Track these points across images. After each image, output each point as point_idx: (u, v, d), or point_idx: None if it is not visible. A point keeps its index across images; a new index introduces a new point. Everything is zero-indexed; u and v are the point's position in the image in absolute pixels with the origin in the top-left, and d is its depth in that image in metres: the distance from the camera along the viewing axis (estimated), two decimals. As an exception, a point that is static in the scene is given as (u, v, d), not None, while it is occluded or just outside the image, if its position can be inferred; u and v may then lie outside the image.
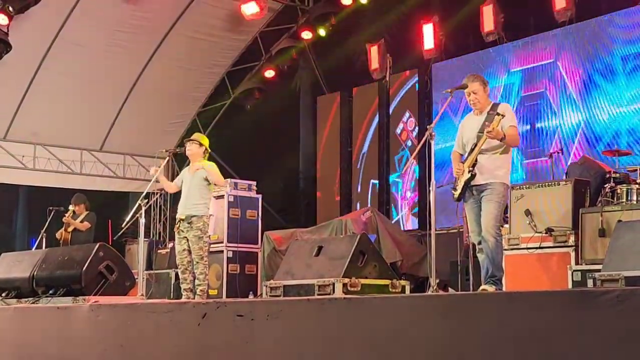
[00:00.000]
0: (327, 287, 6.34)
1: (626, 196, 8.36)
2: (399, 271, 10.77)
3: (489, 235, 6.73)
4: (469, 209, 7.01)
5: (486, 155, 6.85)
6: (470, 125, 7.11)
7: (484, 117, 6.94)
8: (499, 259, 6.85)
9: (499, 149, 6.85)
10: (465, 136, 7.10)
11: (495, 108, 6.95)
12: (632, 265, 4.80)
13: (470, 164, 6.83)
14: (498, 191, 6.80)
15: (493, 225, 6.75)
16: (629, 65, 11.20)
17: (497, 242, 6.79)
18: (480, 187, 6.86)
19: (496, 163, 6.86)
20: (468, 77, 7.15)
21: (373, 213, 11.64)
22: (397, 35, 14.62)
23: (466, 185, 6.89)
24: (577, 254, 8.30)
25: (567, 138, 11.78)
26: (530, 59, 12.51)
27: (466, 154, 7.01)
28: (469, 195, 6.93)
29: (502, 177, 6.87)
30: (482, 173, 6.84)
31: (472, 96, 7.02)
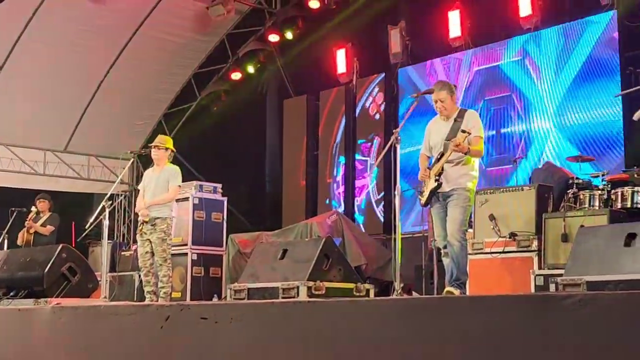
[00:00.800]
0: (292, 290, 6.33)
1: (589, 202, 8.45)
2: (363, 275, 10.78)
3: (454, 239, 6.80)
4: (434, 214, 7.07)
5: (452, 164, 6.91)
6: (437, 129, 7.17)
7: (451, 123, 7.00)
8: (464, 263, 6.91)
9: (464, 157, 6.92)
10: (432, 140, 7.16)
11: (463, 114, 7.01)
12: (594, 270, 4.85)
13: (436, 172, 6.90)
14: (464, 197, 6.88)
15: (458, 230, 6.82)
16: (594, 72, 11.31)
17: (462, 246, 6.86)
18: (446, 194, 6.93)
19: (461, 171, 6.94)
20: (436, 84, 7.23)
21: (339, 217, 11.64)
22: (364, 39, 14.66)
23: (432, 192, 6.94)
24: (539, 259, 8.38)
25: (530, 143, 11.86)
26: (496, 65, 12.59)
27: (433, 158, 7.06)
28: (435, 201, 7.00)
29: (466, 183, 6.94)
30: (448, 181, 6.93)
31: (439, 104, 7.08)
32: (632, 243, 4.80)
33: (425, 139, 7.35)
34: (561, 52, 11.80)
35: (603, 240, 5.07)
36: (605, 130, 11.05)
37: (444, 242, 6.97)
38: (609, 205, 8.25)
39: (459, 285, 6.85)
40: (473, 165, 7.04)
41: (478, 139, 6.94)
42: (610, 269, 4.77)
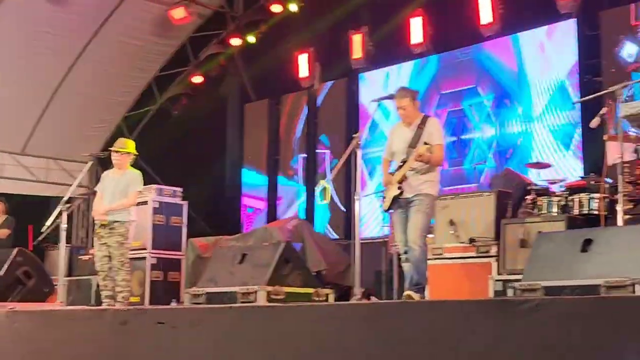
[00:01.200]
0: (251, 295, 6.30)
1: (547, 208, 8.53)
2: (323, 280, 10.75)
3: (415, 245, 6.84)
4: (396, 219, 7.10)
5: (414, 171, 6.95)
6: (399, 135, 7.20)
7: (414, 130, 7.03)
8: (424, 268, 6.95)
9: (425, 165, 6.96)
10: (394, 145, 7.18)
11: (425, 121, 7.06)
12: (551, 275, 4.88)
13: (398, 179, 6.92)
14: (425, 202, 6.92)
15: (419, 236, 6.86)
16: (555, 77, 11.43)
17: (422, 251, 6.90)
18: (408, 200, 6.96)
19: (423, 178, 6.99)
20: (398, 91, 7.25)
21: (299, 221, 11.62)
22: (326, 44, 14.66)
23: (394, 199, 6.98)
24: (498, 264, 8.44)
25: (490, 150, 11.94)
26: (456, 70, 12.67)
27: (395, 165, 7.08)
28: (397, 206, 7.02)
29: (428, 189, 6.99)
30: (410, 187, 6.97)
31: (401, 111, 7.13)
32: (588, 249, 4.84)
33: (387, 144, 7.38)
34: (521, 59, 11.90)
35: (560, 246, 5.11)
36: (564, 137, 11.17)
37: (405, 247, 6.99)
38: (567, 212, 8.33)
39: (419, 289, 6.89)
40: (435, 172, 7.08)
41: (439, 147, 7.01)
42: (567, 274, 4.81)
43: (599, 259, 4.77)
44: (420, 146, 6.79)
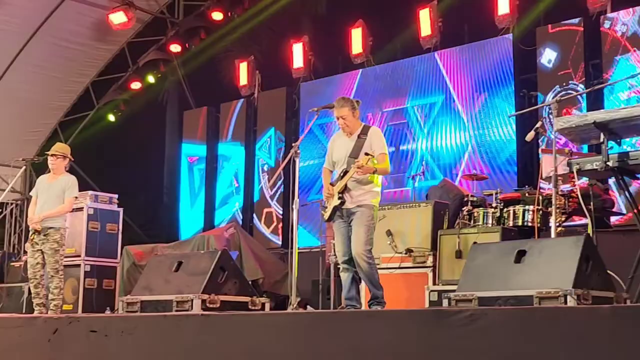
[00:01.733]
0: (186, 304, 6.22)
1: (482, 219, 8.64)
2: (260, 289, 10.73)
3: (362, 260, 6.81)
4: (336, 230, 7.07)
5: (355, 182, 6.93)
6: (340, 145, 7.17)
7: (355, 140, 7.02)
8: (376, 279, 6.93)
9: (367, 175, 6.94)
10: (335, 155, 7.15)
11: (366, 131, 7.04)
12: (485, 286, 4.93)
13: (339, 189, 6.90)
14: (367, 214, 6.89)
15: (364, 250, 6.82)
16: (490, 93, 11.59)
17: (371, 265, 6.87)
18: (350, 210, 6.94)
19: (365, 189, 6.95)
20: (338, 100, 7.19)
21: (236, 230, 11.57)
22: (267, 52, 14.67)
23: (335, 209, 6.96)
24: (434, 275, 8.52)
25: (428, 161, 12.05)
26: (396, 81, 12.77)
27: (336, 175, 7.06)
28: (337, 216, 6.99)
29: (369, 200, 6.96)
30: (352, 198, 6.93)
31: (341, 121, 7.06)
32: (522, 260, 4.89)
33: (328, 154, 7.34)
34: (459, 73, 12.05)
35: (494, 257, 5.16)
36: (500, 149, 11.33)
37: (343, 257, 6.97)
38: (502, 223, 8.45)
39: (378, 302, 6.87)
40: (377, 182, 7.07)
41: (383, 157, 6.97)
42: (501, 285, 4.86)
43: (532, 270, 4.83)
44: (361, 157, 6.77)
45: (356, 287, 6.99)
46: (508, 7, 11.36)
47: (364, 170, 6.72)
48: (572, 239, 4.92)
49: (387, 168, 7.07)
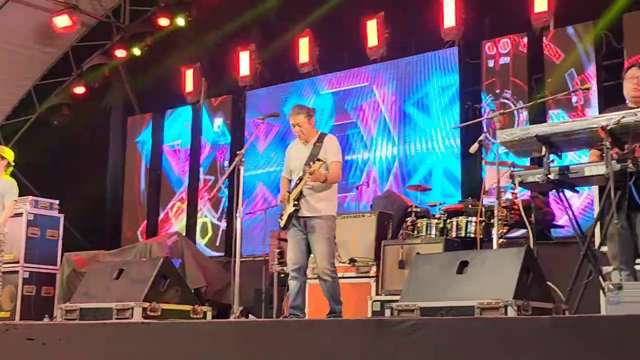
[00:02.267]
0: (126, 312, 6.14)
1: (426, 230, 8.70)
2: (203, 297, 10.65)
3: (325, 275, 6.87)
4: (290, 237, 7.08)
5: (310, 189, 6.93)
6: (296, 153, 7.20)
7: (311, 147, 7.04)
8: (337, 294, 6.98)
9: (323, 183, 6.94)
10: (292, 163, 7.18)
11: (322, 138, 7.08)
12: (428, 296, 4.95)
13: (295, 196, 6.92)
14: (325, 226, 6.91)
15: (327, 264, 6.87)
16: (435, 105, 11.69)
17: (334, 280, 6.92)
18: (306, 220, 6.95)
19: (320, 196, 6.97)
20: (293, 108, 7.24)
21: (179, 238, 11.47)
22: (214, 60, 14.59)
23: (291, 216, 6.96)
24: (377, 285, 8.55)
25: (373, 171, 12.09)
26: (343, 92, 12.80)
27: (293, 182, 7.07)
28: (293, 224, 6.99)
29: (326, 209, 6.99)
30: (307, 206, 6.94)
31: (297, 128, 7.10)
32: (464, 270, 4.94)
33: (285, 162, 7.38)
34: (405, 84, 12.13)
35: (437, 267, 5.20)
36: (444, 160, 11.42)
37: (294, 266, 6.98)
38: (445, 234, 8.52)
39: (336, 317, 6.88)
40: (332, 190, 7.09)
41: (336, 164, 7.01)
42: (443, 295, 4.89)
43: (473, 281, 4.87)
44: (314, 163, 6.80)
45: (302, 297, 7.00)
46: (454, 20, 11.48)
47: (315, 176, 6.74)
48: (513, 251, 4.97)
49: (338, 176, 7.11)
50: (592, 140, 5.34)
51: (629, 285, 4.44)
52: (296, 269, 6.96)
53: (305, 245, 6.98)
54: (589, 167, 5.42)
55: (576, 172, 5.45)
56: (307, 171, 6.82)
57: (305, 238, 6.97)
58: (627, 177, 5.11)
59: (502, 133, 5.78)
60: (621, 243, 5.26)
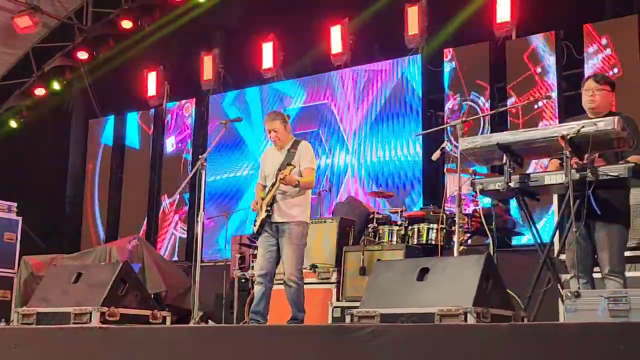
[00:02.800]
0: (84, 316, 6.06)
1: (387, 236, 8.72)
2: (163, 302, 10.57)
3: (290, 281, 6.85)
4: (260, 243, 7.06)
5: (282, 194, 6.93)
6: (271, 159, 7.19)
7: (285, 153, 7.05)
8: (301, 302, 6.95)
9: (295, 188, 6.94)
10: (266, 169, 7.17)
11: (296, 146, 7.09)
12: (388, 303, 4.95)
13: (267, 202, 6.90)
14: (296, 233, 6.89)
15: (295, 270, 6.86)
16: (398, 112, 11.73)
17: (299, 287, 6.90)
18: (278, 226, 6.93)
19: (293, 202, 6.95)
20: (269, 114, 7.25)
21: (140, 242, 11.37)
22: (177, 63, 14.53)
23: (263, 222, 6.94)
24: (338, 291, 8.55)
25: (334, 177, 12.10)
26: (307, 97, 12.80)
27: (266, 188, 7.05)
28: (265, 230, 6.97)
29: (299, 215, 6.97)
30: (280, 212, 6.92)
31: (273, 134, 7.09)
32: (424, 277, 4.94)
33: (260, 169, 7.38)
34: (368, 90, 12.16)
35: (398, 274, 5.20)
36: (407, 167, 11.46)
37: (261, 271, 6.96)
38: (406, 241, 8.55)
39: (298, 324, 6.86)
40: (306, 196, 7.09)
41: (309, 171, 7.02)
42: (403, 302, 4.89)
43: (434, 288, 4.88)
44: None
45: (265, 303, 6.96)
46: (417, 28, 11.54)
47: (287, 181, 6.73)
48: (473, 258, 4.99)
49: (311, 182, 7.11)
50: (553, 149, 5.39)
51: (587, 294, 4.49)
52: (263, 274, 6.93)
53: (275, 252, 6.96)
54: (549, 176, 5.47)
55: (536, 181, 5.50)
56: (279, 180, 6.82)
57: (277, 244, 6.95)
58: (586, 186, 5.16)
59: (464, 141, 5.81)
60: (580, 251, 5.31)
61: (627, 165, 5.17)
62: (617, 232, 5.48)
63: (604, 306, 4.24)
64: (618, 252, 5.49)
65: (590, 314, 4.27)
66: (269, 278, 6.95)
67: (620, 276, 5.46)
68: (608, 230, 5.45)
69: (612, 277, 5.41)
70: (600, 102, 5.61)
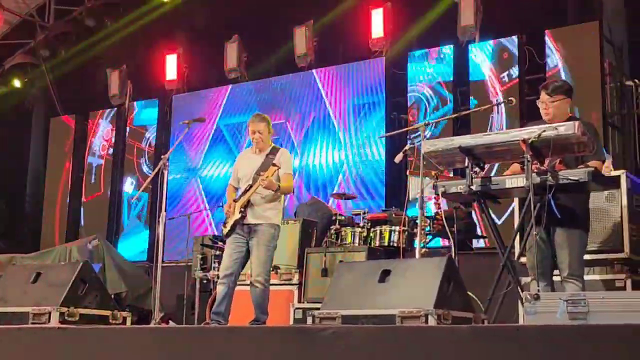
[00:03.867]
0: (43, 316, 5.99)
1: (350, 238, 8.73)
2: (123, 303, 10.50)
3: (257, 282, 6.85)
4: (229, 243, 7.05)
5: (258, 196, 6.93)
6: (247, 161, 7.20)
7: (263, 158, 7.05)
8: (265, 305, 6.94)
9: (271, 192, 6.95)
10: (241, 171, 7.16)
11: (275, 152, 7.11)
12: (350, 304, 4.95)
13: (242, 204, 6.90)
14: (268, 234, 6.91)
15: (263, 271, 6.86)
16: (362, 114, 11.76)
17: (264, 289, 6.89)
18: (251, 227, 6.93)
19: (269, 205, 6.98)
20: (255, 115, 7.28)
21: (100, 241, 11.29)
22: (140, 63, 14.44)
23: (236, 223, 6.93)
24: (300, 292, 8.54)
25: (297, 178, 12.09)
26: (268, 100, 12.79)
27: (240, 190, 7.02)
28: (236, 230, 6.96)
29: (272, 217, 6.98)
30: (253, 213, 6.93)
31: (257, 135, 7.11)
32: (386, 279, 4.94)
33: (234, 170, 7.37)
34: (332, 92, 12.17)
35: (359, 276, 5.20)
36: (370, 169, 11.49)
37: (225, 271, 6.93)
38: (368, 243, 8.56)
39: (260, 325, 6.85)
40: (281, 199, 7.13)
41: (288, 176, 7.06)
42: (365, 303, 4.89)
43: (395, 290, 4.88)
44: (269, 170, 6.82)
45: (227, 304, 6.92)
46: (382, 31, 11.58)
47: (268, 184, 6.73)
48: (435, 260, 5.01)
49: (290, 187, 7.19)
50: (514, 153, 5.43)
51: (546, 296, 4.53)
52: (228, 274, 6.91)
53: (244, 253, 6.96)
54: (510, 179, 5.51)
55: (497, 184, 5.54)
56: (258, 179, 6.82)
57: (246, 246, 6.95)
58: (546, 190, 5.21)
59: (427, 143, 5.84)
60: (539, 255, 5.36)
61: (587, 169, 5.23)
62: (576, 236, 5.54)
63: (563, 309, 4.27)
64: (577, 256, 5.55)
65: (550, 316, 4.30)
66: (233, 279, 6.93)
67: (579, 279, 5.52)
68: (568, 235, 5.51)
69: (571, 280, 5.47)
70: (555, 113, 5.65)
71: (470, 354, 3.64)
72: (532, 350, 3.49)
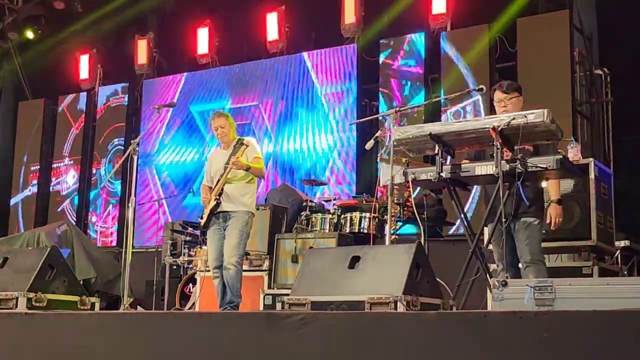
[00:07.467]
0: (10, 302, 5.95)
1: (320, 224, 8.75)
2: (92, 288, 10.45)
3: (229, 264, 6.92)
4: (210, 235, 7.15)
5: (233, 184, 7.03)
6: (217, 158, 7.29)
7: (231, 150, 7.13)
8: (238, 287, 7.00)
9: (245, 178, 7.08)
10: (213, 169, 7.27)
11: (241, 142, 7.19)
12: (319, 290, 4.97)
13: (216, 192, 7.00)
14: (242, 220, 7.00)
15: (235, 255, 6.92)
16: (333, 101, 11.76)
17: (237, 270, 6.95)
18: (226, 215, 7.03)
19: (242, 191, 7.07)
20: (214, 113, 7.41)
21: (69, 227, 11.21)
22: (110, 46, 14.33)
23: (212, 212, 7.02)
24: (270, 278, 8.56)
25: (267, 164, 12.08)
26: (240, 84, 12.75)
27: (214, 184, 7.05)
28: (213, 222, 7.07)
29: (247, 204, 7.08)
30: (228, 200, 7.02)
31: (220, 130, 7.22)
32: (355, 266, 4.96)
33: (206, 170, 7.47)
34: (303, 78, 12.15)
35: (329, 262, 5.21)
36: (340, 156, 11.50)
37: (214, 263, 7.05)
38: (339, 229, 8.58)
39: (232, 307, 6.96)
40: (253, 187, 7.20)
41: (257, 159, 7.13)
42: (334, 290, 4.91)
43: (364, 276, 4.90)
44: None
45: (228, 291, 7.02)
46: (354, 17, 11.57)
47: (238, 165, 6.81)
48: (404, 247, 5.03)
49: (262, 169, 7.24)
50: (483, 140, 5.45)
51: (514, 283, 4.57)
52: (218, 265, 7.04)
53: None
54: (480, 167, 5.53)
55: (467, 171, 5.57)
56: (227, 168, 6.90)
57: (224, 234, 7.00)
58: (515, 177, 5.25)
59: (397, 130, 5.85)
60: (508, 245, 5.44)
61: (556, 157, 5.26)
62: (535, 224, 5.62)
63: (530, 295, 4.31)
64: (537, 243, 5.65)
65: (517, 302, 4.34)
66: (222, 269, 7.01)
67: (542, 262, 5.62)
68: (528, 223, 5.59)
69: (535, 263, 5.57)
70: (513, 110, 5.68)
71: (439, 340, 3.67)
72: (500, 335, 3.52)
